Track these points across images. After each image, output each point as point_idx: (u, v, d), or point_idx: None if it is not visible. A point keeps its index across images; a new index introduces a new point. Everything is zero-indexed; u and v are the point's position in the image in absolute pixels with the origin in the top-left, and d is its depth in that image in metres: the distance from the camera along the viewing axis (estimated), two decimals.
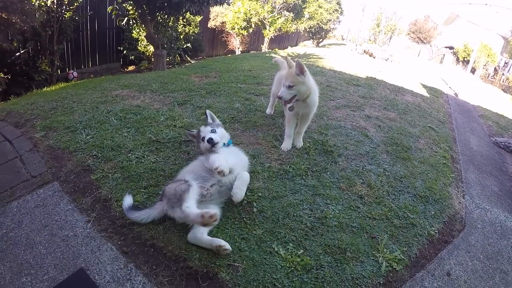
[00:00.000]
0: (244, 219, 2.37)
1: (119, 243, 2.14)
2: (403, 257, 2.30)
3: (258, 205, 2.51)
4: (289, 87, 2.95)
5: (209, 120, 2.92)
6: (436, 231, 2.65)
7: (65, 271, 1.97)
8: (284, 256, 2.12)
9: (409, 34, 29.02)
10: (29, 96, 5.10)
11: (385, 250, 2.31)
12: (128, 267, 1.99)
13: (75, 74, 8.57)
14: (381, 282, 2.10)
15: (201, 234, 2.11)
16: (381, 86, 7.15)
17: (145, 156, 2.97)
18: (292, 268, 2.05)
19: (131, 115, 3.73)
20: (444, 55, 26.93)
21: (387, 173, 3.27)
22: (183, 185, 2.20)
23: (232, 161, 2.44)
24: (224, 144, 2.67)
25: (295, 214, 2.48)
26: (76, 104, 3.97)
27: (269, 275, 1.99)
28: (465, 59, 23.44)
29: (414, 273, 2.24)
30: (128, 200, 2.30)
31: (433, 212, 2.86)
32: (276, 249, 2.16)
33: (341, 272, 2.09)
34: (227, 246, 2.06)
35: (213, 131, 2.66)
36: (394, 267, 2.21)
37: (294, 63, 2.93)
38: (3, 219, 2.32)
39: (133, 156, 2.94)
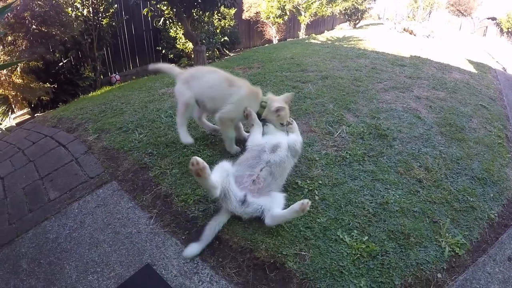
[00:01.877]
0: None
1: (183, 237, 2.18)
2: (465, 241, 2.23)
3: (320, 193, 2.49)
4: None
5: None
6: (496, 215, 2.55)
7: (131, 267, 2.02)
8: (349, 243, 2.09)
9: (448, 7, 27.70)
10: (77, 102, 5.29)
11: (447, 234, 2.25)
12: (195, 260, 2.02)
13: (117, 77, 8.82)
14: (445, 268, 2.05)
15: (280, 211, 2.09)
16: (426, 64, 6.87)
17: (201, 151, 2.98)
18: (358, 255, 2.03)
19: None
20: (486, 27, 25.57)
21: (443, 155, 3.16)
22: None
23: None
24: None
25: (356, 201, 2.44)
26: (125, 105, 4.07)
27: (335, 262, 1.97)
28: (509, 29, 22.14)
29: (476, 258, 2.17)
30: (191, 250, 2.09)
31: (492, 195, 2.75)
32: (341, 236, 2.13)
33: (406, 257, 2.05)
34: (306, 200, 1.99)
35: None
36: (456, 252, 2.15)
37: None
38: (65, 220, 2.42)
39: (189, 151, 2.96)
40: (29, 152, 3.42)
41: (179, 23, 8.64)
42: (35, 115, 6.35)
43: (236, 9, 10.81)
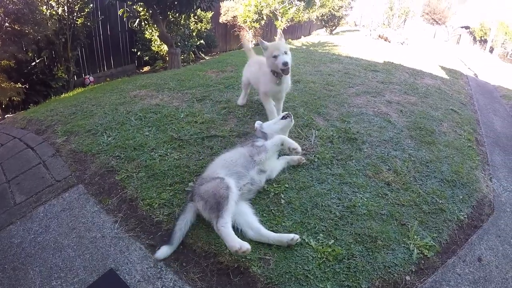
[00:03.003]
0: (273, 211, 2.35)
1: (147, 242, 2.15)
2: (434, 243, 2.24)
3: (286, 196, 2.49)
4: (286, 53, 3.13)
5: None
6: (465, 216, 2.58)
7: (95, 272, 1.99)
8: (315, 247, 2.08)
9: (423, 16, 28.34)
10: (48, 103, 5.18)
11: (415, 237, 2.26)
12: (158, 265, 1.99)
13: (91, 78, 8.64)
14: (413, 270, 2.06)
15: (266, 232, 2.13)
16: (399, 70, 7.01)
17: (168, 154, 2.96)
18: (324, 259, 2.02)
19: (151, 114, 3.73)
20: (460, 35, 26.24)
21: (412, 158, 3.20)
22: (223, 190, 2.13)
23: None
24: None
25: (323, 204, 2.44)
26: (95, 107, 4.00)
27: (300, 266, 1.97)
28: (482, 38, 22.81)
29: (445, 259, 2.19)
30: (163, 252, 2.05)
31: (461, 197, 2.78)
32: (306, 240, 2.13)
33: (373, 261, 2.05)
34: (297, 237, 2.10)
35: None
36: (425, 254, 2.16)
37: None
38: (30, 224, 2.37)
39: (156, 154, 2.94)
40: None
41: (155, 25, 8.57)
42: (6, 116, 6.17)
43: (213, 12, 10.80)
